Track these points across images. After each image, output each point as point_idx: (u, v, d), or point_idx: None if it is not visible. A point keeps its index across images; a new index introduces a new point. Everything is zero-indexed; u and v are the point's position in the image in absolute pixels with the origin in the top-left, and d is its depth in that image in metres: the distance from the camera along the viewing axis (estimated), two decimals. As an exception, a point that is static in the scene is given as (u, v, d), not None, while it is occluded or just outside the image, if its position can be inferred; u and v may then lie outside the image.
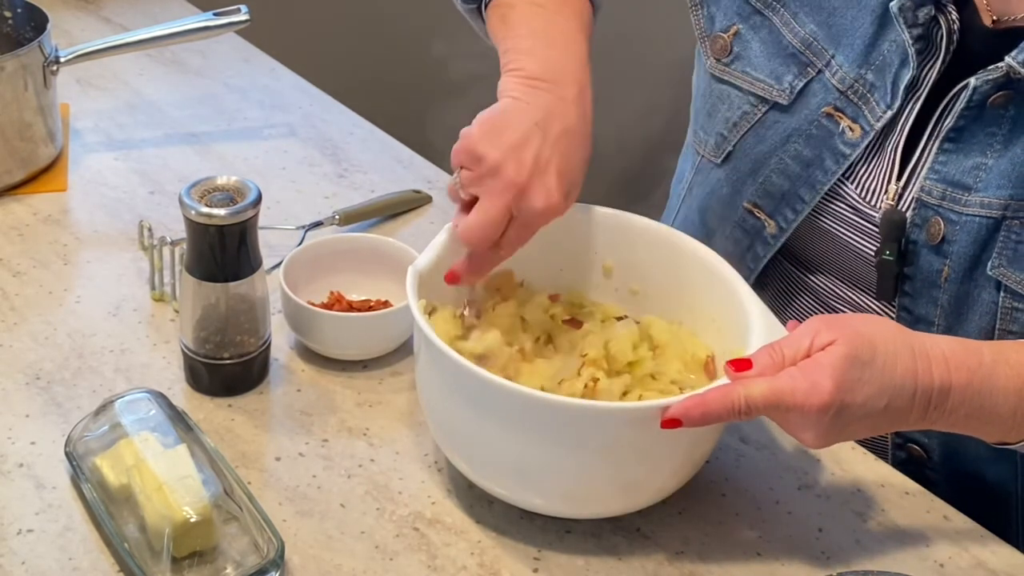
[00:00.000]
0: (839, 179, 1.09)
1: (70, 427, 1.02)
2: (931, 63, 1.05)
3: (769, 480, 1.05)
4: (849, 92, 1.08)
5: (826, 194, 1.10)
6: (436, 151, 1.52)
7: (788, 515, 1.02)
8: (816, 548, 0.99)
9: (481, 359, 0.97)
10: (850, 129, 1.08)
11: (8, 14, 1.43)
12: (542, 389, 0.96)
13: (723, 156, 1.17)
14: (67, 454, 1.00)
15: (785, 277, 1.19)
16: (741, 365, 0.89)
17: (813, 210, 1.11)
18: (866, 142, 1.07)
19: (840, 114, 1.08)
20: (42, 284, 1.22)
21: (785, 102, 1.11)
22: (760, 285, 1.17)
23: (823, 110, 1.09)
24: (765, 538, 1.00)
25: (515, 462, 0.94)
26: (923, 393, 0.89)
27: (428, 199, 1.39)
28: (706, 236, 1.19)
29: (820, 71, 1.09)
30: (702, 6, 1.17)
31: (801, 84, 1.10)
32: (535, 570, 0.96)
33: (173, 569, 0.90)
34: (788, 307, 1.20)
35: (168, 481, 0.92)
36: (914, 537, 1.01)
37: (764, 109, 1.13)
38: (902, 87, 1.05)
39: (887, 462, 1.10)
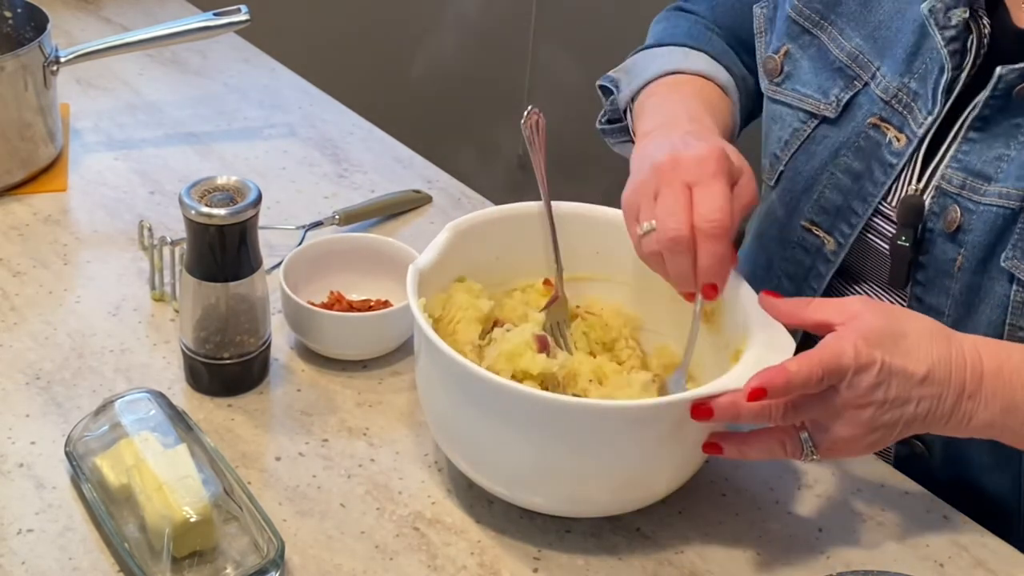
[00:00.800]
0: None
1: (70, 427, 1.02)
2: (964, 65, 1.05)
3: (769, 480, 1.05)
4: (893, 102, 1.09)
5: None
6: (436, 151, 1.52)
7: (788, 515, 1.02)
8: (816, 548, 0.99)
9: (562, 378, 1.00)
10: (896, 139, 1.08)
11: (8, 14, 1.43)
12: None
13: (776, 177, 1.17)
14: (67, 454, 1.00)
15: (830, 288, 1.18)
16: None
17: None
18: (910, 150, 1.08)
19: (886, 124, 1.09)
20: (42, 284, 1.22)
21: (832, 115, 1.12)
22: None
23: (869, 121, 1.10)
24: (765, 538, 1.00)
25: (515, 462, 0.94)
26: (957, 373, 0.91)
27: (428, 199, 1.39)
28: (766, 262, 1.19)
29: (866, 83, 1.11)
30: (765, 33, 1.19)
31: (847, 96, 1.11)
32: (535, 570, 0.96)
33: (173, 569, 0.90)
34: None
35: (168, 481, 0.92)
36: (914, 537, 1.01)
37: (813, 124, 1.14)
38: (940, 92, 1.05)
39: (889, 460, 1.10)
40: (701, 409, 0.89)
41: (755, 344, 0.94)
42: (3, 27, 1.44)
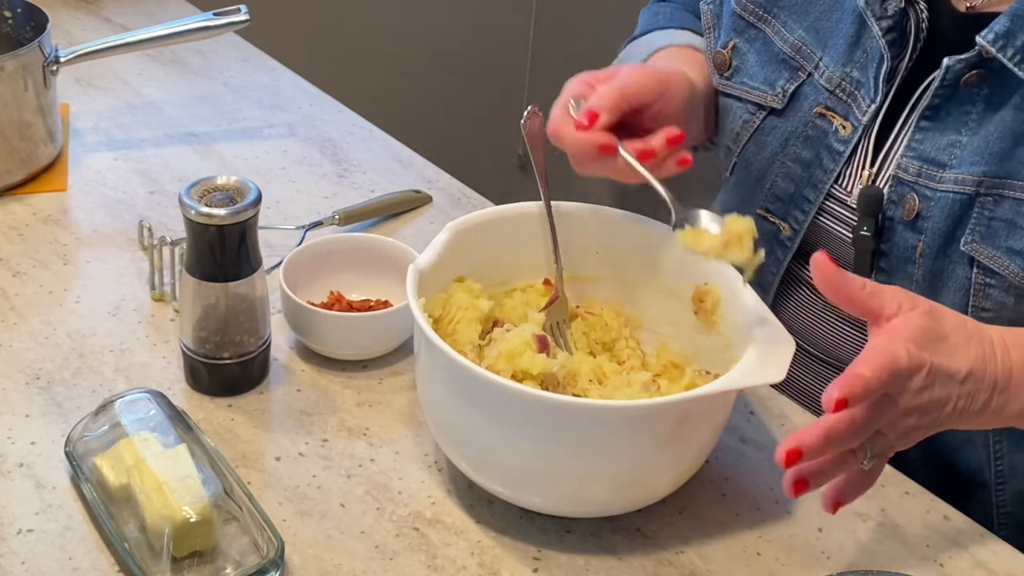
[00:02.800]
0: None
1: (70, 427, 1.02)
2: (904, 53, 1.08)
3: (769, 480, 1.05)
4: (837, 91, 1.11)
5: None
6: (436, 151, 1.52)
7: (788, 515, 1.02)
8: (816, 548, 0.99)
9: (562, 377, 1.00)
10: (842, 127, 1.11)
11: (8, 14, 1.43)
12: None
13: (730, 168, 1.20)
14: (67, 454, 1.00)
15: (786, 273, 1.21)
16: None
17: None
18: (856, 137, 1.10)
19: (832, 113, 1.12)
20: (42, 284, 1.22)
21: (779, 106, 1.15)
22: (765, 285, 1.19)
23: (815, 110, 1.13)
24: (765, 538, 1.00)
25: (515, 462, 0.94)
26: (991, 369, 0.91)
27: (428, 199, 1.39)
28: None
29: (810, 74, 1.13)
30: (713, 29, 1.22)
31: (792, 87, 1.14)
32: (535, 570, 0.96)
33: (173, 569, 0.90)
34: (788, 300, 1.21)
35: (168, 481, 0.92)
36: (914, 537, 1.01)
37: (762, 116, 1.16)
38: (882, 81, 1.08)
39: None
40: (792, 454, 0.85)
41: (755, 344, 0.95)
42: (3, 27, 1.44)
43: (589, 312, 1.11)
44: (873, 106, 1.09)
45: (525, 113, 1.12)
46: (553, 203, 1.08)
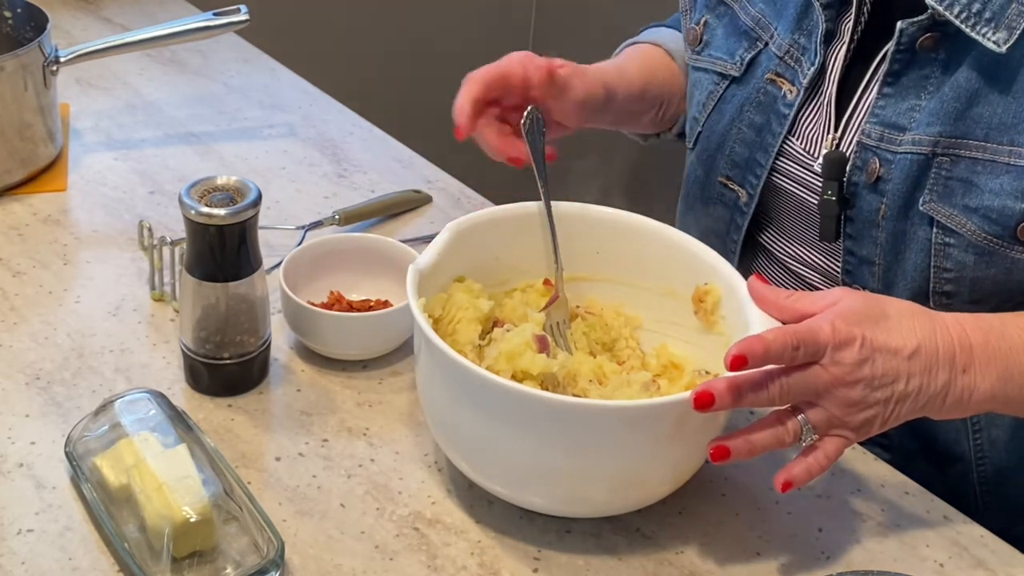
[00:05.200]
0: (785, 138, 1.15)
1: (70, 427, 1.02)
2: (847, 14, 1.11)
3: (769, 480, 1.04)
4: (786, 57, 1.16)
5: (777, 154, 1.16)
6: (436, 151, 1.52)
7: (788, 515, 1.02)
8: (816, 548, 0.99)
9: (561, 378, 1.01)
10: (789, 92, 1.15)
11: (8, 14, 1.43)
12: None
13: (695, 139, 1.24)
14: (67, 454, 1.00)
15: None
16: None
17: (770, 171, 1.17)
18: (799, 100, 1.14)
19: (781, 79, 1.16)
20: (42, 284, 1.22)
21: (737, 74, 1.20)
22: (728, 255, 1.22)
23: (767, 77, 1.17)
24: (765, 538, 1.00)
25: (515, 462, 0.94)
26: (945, 347, 0.92)
27: (428, 199, 1.39)
28: (694, 221, 1.26)
29: (766, 43, 1.18)
30: (690, 11, 1.27)
31: (750, 56, 1.19)
32: (535, 570, 0.96)
33: (173, 569, 0.90)
34: (750, 267, 1.24)
35: (168, 481, 0.92)
36: (914, 537, 1.01)
37: (724, 86, 1.21)
38: (819, 43, 1.12)
39: None
40: (702, 395, 0.88)
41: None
42: (3, 27, 1.44)
43: (589, 312, 1.11)
44: (813, 68, 1.12)
45: (525, 113, 1.12)
46: (553, 203, 1.08)
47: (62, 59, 1.37)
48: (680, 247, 1.07)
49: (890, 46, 1.06)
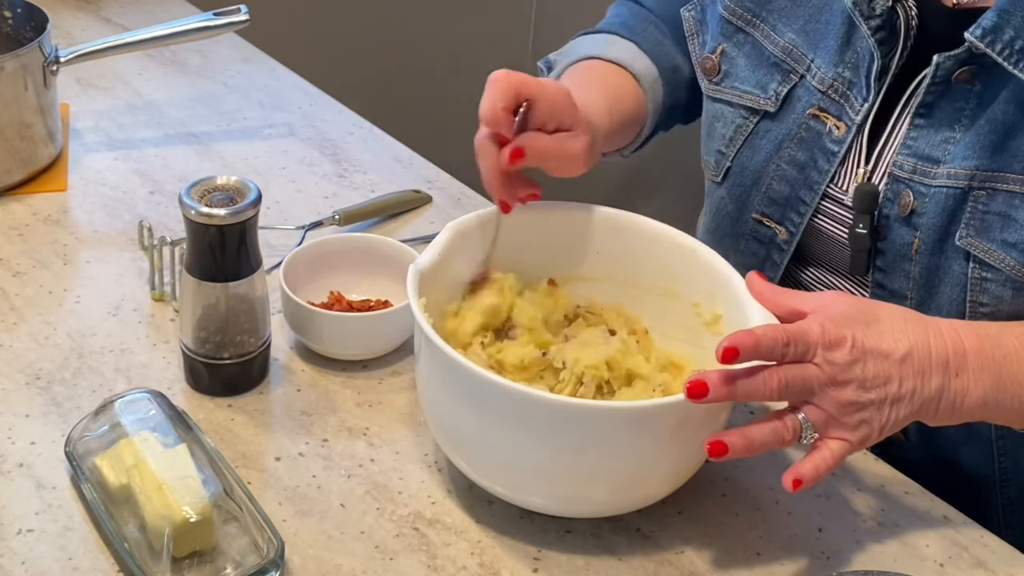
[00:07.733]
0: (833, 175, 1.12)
1: (70, 427, 1.02)
2: (895, 51, 1.08)
3: (769, 480, 1.05)
4: (830, 91, 1.11)
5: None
6: (436, 151, 1.52)
7: (788, 515, 1.02)
8: (816, 548, 0.99)
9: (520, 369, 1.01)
10: (836, 127, 1.11)
11: (8, 14, 1.43)
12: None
13: (723, 173, 1.20)
14: (67, 454, 1.00)
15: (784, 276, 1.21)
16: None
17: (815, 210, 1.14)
18: (850, 137, 1.10)
19: (825, 114, 1.12)
20: (42, 284, 1.22)
21: (772, 109, 1.15)
22: None
23: (809, 112, 1.13)
24: (765, 538, 1.00)
25: (515, 462, 0.94)
26: (938, 351, 0.92)
27: (428, 199, 1.39)
28: (723, 255, 1.20)
29: (802, 76, 1.13)
30: (697, 35, 1.22)
31: (785, 90, 1.14)
32: (535, 570, 0.96)
33: (173, 569, 0.90)
34: None
35: (168, 481, 0.92)
36: (914, 537, 1.01)
37: (755, 120, 1.16)
38: (873, 79, 1.08)
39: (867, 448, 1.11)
40: (696, 385, 0.88)
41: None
42: (3, 27, 1.44)
43: (590, 312, 1.11)
44: (866, 105, 1.09)
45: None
46: (553, 203, 1.08)
47: (62, 59, 1.37)
48: (681, 247, 1.07)
49: (925, 78, 1.04)
